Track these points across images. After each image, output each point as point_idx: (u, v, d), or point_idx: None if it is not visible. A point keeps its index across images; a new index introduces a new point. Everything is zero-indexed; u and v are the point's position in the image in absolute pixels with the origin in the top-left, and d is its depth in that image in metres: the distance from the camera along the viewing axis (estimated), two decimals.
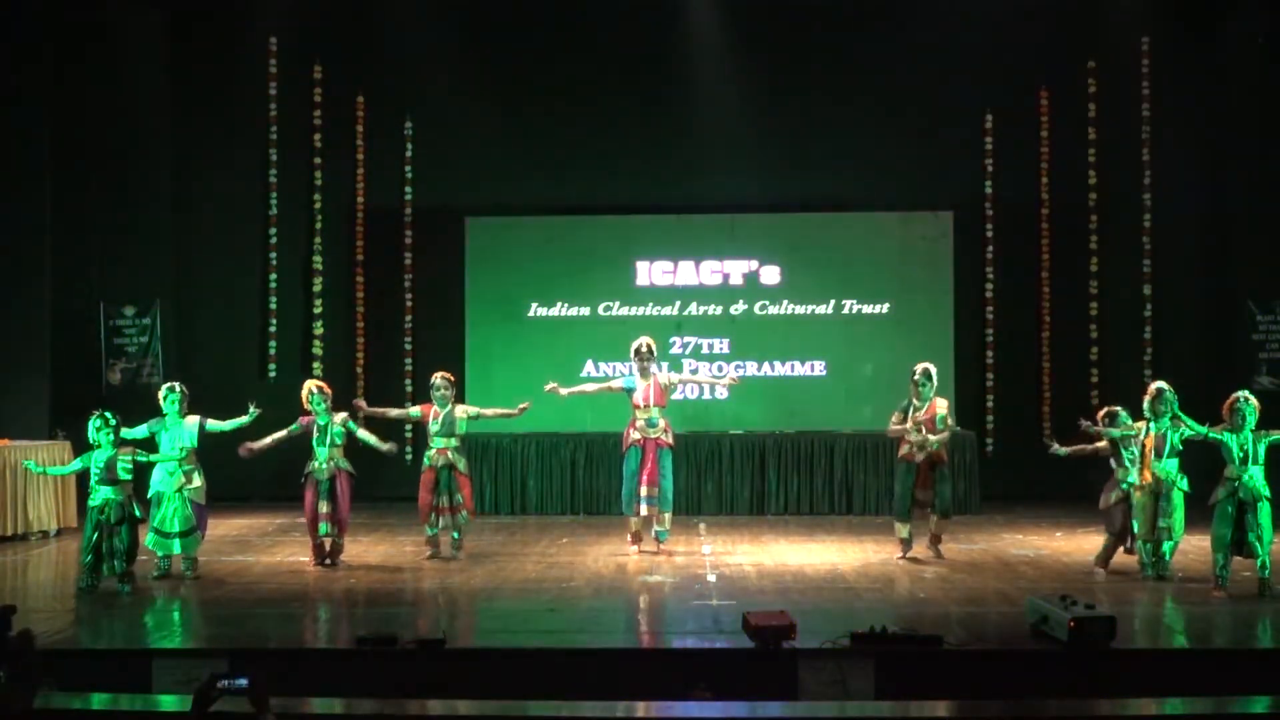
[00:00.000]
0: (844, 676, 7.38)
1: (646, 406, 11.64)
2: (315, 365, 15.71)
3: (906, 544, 11.21)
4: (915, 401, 11.23)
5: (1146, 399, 10.09)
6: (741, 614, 8.04)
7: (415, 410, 11.67)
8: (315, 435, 10.91)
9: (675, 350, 15.18)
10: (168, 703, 6.07)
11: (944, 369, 14.79)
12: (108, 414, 10.08)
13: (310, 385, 11.13)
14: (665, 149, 15.65)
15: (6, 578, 10.88)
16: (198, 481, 10.47)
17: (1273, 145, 14.86)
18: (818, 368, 15.28)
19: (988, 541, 12.25)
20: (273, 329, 15.85)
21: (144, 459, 10.25)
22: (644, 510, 11.61)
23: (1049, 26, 15.39)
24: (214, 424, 10.64)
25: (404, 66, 15.63)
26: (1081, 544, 12.01)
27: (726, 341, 15.30)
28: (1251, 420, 9.46)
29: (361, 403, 11.58)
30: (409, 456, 15.24)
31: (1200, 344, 15.37)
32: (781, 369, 15.29)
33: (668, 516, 11.71)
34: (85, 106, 14.82)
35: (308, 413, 10.96)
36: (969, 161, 15.75)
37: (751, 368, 15.23)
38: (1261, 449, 9.47)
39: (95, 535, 9.84)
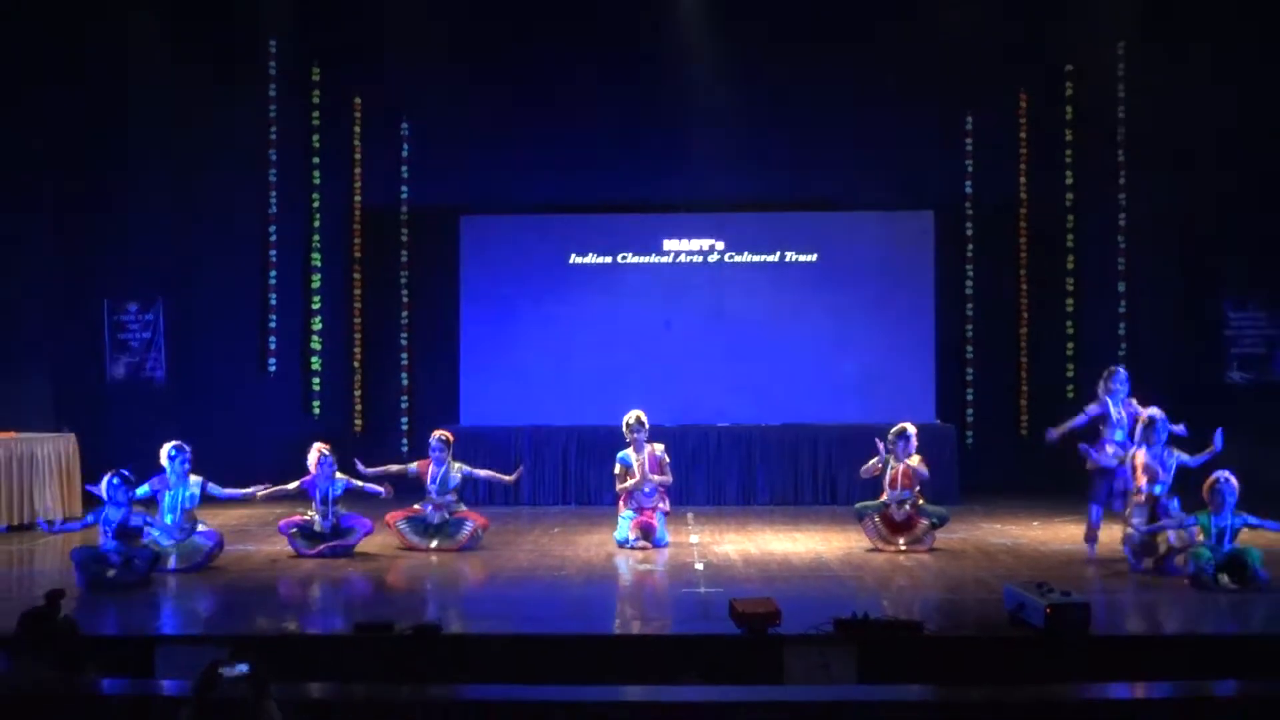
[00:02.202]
0: (828, 661, 7.47)
1: (643, 480, 11.58)
2: (314, 360, 15.99)
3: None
4: (894, 461, 11.39)
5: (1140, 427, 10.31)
6: (728, 601, 8.10)
7: (414, 466, 11.78)
8: (316, 497, 11.12)
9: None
10: (170, 689, 6.18)
11: (924, 364, 15.22)
12: (125, 472, 10.06)
13: (319, 449, 11.24)
14: (656, 149, 15.84)
15: (13, 566, 11.06)
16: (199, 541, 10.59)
17: (1243, 148, 15.01)
18: (802, 363, 15.56)
19: (967, 531, 12.41)
20: (272, 325, 16.02)
21: (151, 528, 10.27)
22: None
23: (1027, 31, 15.57)
24: (215, 488, 10.72)
25: (400, 69, 15.76)
26: (1058, 533, 12.26)
27: (714, 338, 15.55)
28: (1231, 501, 9.54)
29: (367, 471, 11.47)
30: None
31: (1174, 340, 15.55)
32: (768, 364, 15.52)
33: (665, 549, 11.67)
34: (86, 105, 14.98)
35: (307, 472, 11.18)
36: (949, 162, 16.02)
37: (739, 363, 15.49)
38: (1238, 527, 9.55)
39: (89, 575, 9.60)
